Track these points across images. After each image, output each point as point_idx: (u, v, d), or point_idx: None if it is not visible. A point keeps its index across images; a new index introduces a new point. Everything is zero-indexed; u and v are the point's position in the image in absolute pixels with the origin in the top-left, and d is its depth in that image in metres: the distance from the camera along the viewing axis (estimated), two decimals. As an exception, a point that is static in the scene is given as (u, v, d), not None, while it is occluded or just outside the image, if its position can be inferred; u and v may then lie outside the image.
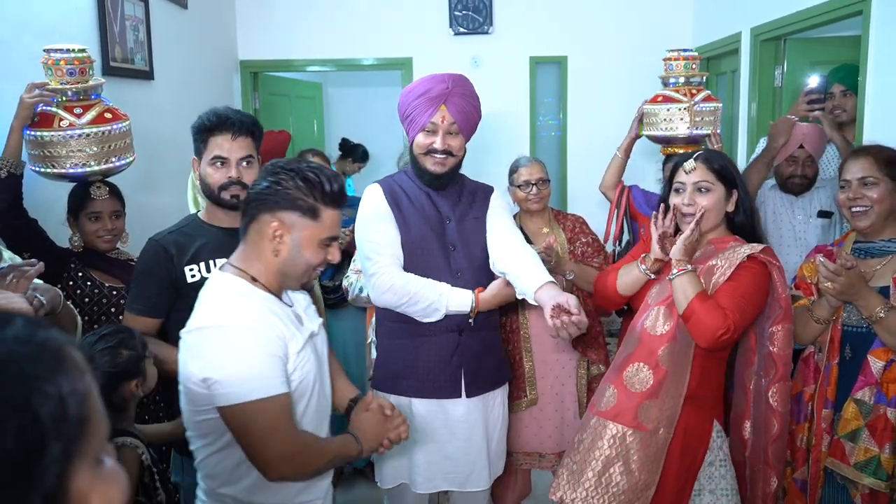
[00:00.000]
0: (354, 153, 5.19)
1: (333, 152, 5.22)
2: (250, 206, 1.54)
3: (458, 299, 2.12)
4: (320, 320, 1.75)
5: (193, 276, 1.97)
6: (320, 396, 1.64)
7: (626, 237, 3.20)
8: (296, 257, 1.53)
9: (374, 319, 2.97)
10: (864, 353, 2.03)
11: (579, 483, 2.03)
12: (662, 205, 2.09)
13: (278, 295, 1.58)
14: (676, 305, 2.00)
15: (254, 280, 1.54)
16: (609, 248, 3.11)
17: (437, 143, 2.14)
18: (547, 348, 2.86)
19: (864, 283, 1.99)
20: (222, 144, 1.99)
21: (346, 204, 1.59)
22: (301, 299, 1.72)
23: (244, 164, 2.03)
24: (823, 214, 3.16)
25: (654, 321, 2.06)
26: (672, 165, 2.23)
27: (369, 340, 3.04)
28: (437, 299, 2.09)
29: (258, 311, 1.48)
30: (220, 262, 2.01)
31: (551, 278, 2.04)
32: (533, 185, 2.84)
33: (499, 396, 2.34)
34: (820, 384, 2.13)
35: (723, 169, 2.10)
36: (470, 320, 2.16)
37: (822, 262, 1.97)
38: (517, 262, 2.11)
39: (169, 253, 1.97)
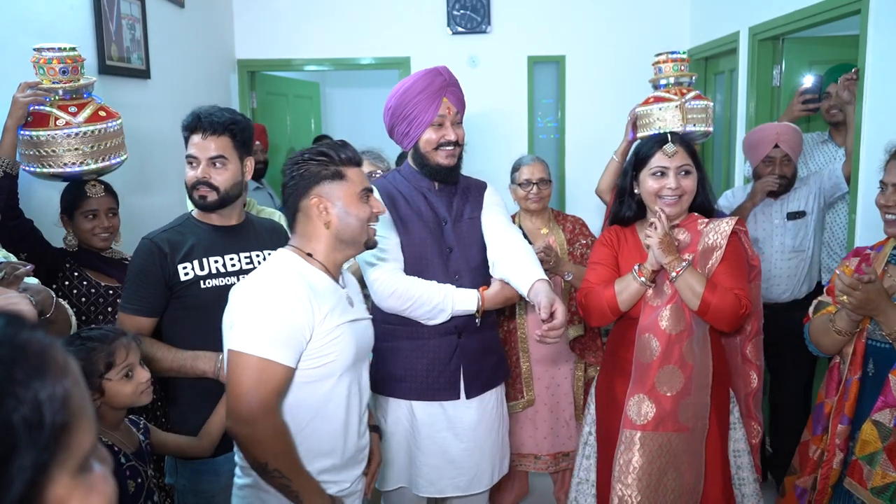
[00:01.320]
0: None
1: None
2: (288, 201, 1.68)
3: (464, 298, 2.12)
4: (370, 317, 1.84)
5: (187, 274, 1.96)
6: (353, 382, 1.70)
7: None
8: (346, 218, 1.66)
9: None
10: (888, 370, 1.89)
11: (659, 500, 2.04)
12: (663, 213, 2.06)
13: (334, 275, 1.70)
14: (687, 303, 2.01)
15: (309, 256, 1.67)
16: None
17: (450, 134, 2.14)
18: (544, 349, 2.85)
19: (884, 298, 1.85)
20: (194, 144, 1.99)
21: (361, 164, 1.72)
22: (356, 287, 1.83)
23: (216, 164, 1.98)
24: (794, 216, 3.16)
25: (669, 321, 2.05)
26: (637, 150, 2.23)
27: None
28: (443, 300, 2.09)
29: (295, 283, 1.58)
30: (213, 260, 2.00)
31: (543, 275, 2.04)
32: (534, 184, 2.84)
33: (495, 393, 2.33)
34: (839, 398, 2.01)
35: (695, 152, 2.17)
36: (476, 319, 2.15)
37: (839, 275, 1.88)
38: (511, 262, 2.11)
39: (163, 251, 1.95)
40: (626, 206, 2.24)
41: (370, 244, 1.74)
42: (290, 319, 1.54)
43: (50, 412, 0.57)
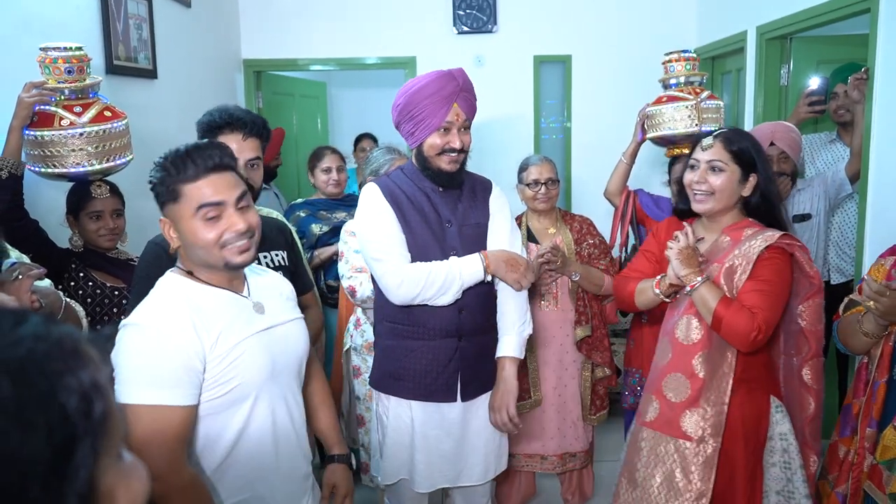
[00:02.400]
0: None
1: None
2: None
3: (469, 266, 2.10)
4: (298, 316, 1.68)
5: None
6: (277, 400, 1.54)
7: (632, 241, 3.17)
8: (189, 241, 1.47)
9: (350, 323, 2.95)
10: None
11: (643, 495, 2.03)
12: (688, 229, 2.03)
13: (227, 285, 1.53)
14: (703, 317, 1.97)
15: (190, 274, 1.51)
16: (615, 253, 3.08)
17: (456, 142, 2.10)
18: (551, 349, 2.84)
19: None
20: (235, 146, 1.94)
21: (220, 170, 1.48)
22: (274, 289, 1.66)
23: (251, 165, 2.01)
24: (799, 219, 3.14)
25: (685, 330, 2.03)
26: (692, 143, 2.19)
27: (347, 347, 2.97)
28: (449, 270, 2.06)
29: (174, 311, 1.42)
30: None
31: (514, 351, 2.17)
32: (542, 184, 2.82)
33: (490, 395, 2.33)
34: (867, 400, 1.99)
35: (742, 151, 2.03)
36: (487, 279, 2.13)
37: (867, 280, 1.85)
38: (500, 313, 2.22)
39: (169, 254, 1.94)
40: (682, 199, 2.19)
41: (231, 266, 1.50)
42: (174, 354, 1.37)
43: (97, 400, 0.58)
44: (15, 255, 1.87)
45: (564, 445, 2.90)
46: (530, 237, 2.88)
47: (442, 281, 2.06)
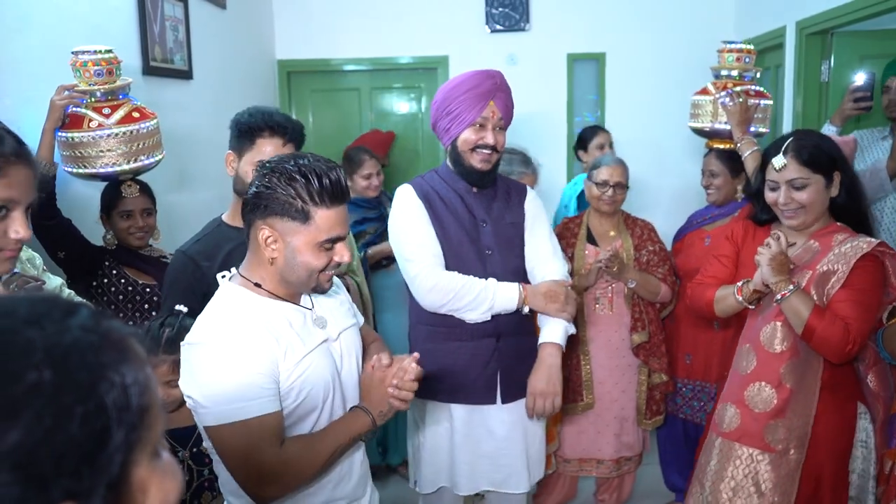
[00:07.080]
0: None
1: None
2: (245, 212, 1.46)
3: (505, 292, 2.09)
4: (354, 321, 1.66)
5: None
6: (336, 406, 1.52)
7: None
8: (292, 264, 1.43)
9: None
10: None
11: None
12: (780, 235, 1.92)
13: (291, 298, 1.51)
14: (793, 327, 1.89)
15: (257, 286, 1.47)
16: None
17: (489, 138, 2.11)
18: (606, 353, 2.81)
19: None
20: (271, 149, 1.92)
21: (346, 200, 1.47)
22: (333, 299, 1.62)
23: None
24: None
25: (771, 337, 1.96)
26: (762, 156, 2.11)
27: None
28: (483, 291, 2.06)
29: (248, 327, 1.39)
30: None
31: (556, 338, 2.13)
32: (611, 186, 2.78)
33: None
34: None
35: (815, 157, 1.93)
36: (524, 311, 2.13)
37: None
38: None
39: (198, 264, 1.94)
40: (760, 209, 2.13)
41: (320, 290, 1.52)
42: (252, 367, 1.36)
43: (136, 395, 0.60)
44: (25, 256, 1.89)
45: (621, 450, 2.86)
46: (589, 238, 2.85)
47: (473, 297, 2.06)
